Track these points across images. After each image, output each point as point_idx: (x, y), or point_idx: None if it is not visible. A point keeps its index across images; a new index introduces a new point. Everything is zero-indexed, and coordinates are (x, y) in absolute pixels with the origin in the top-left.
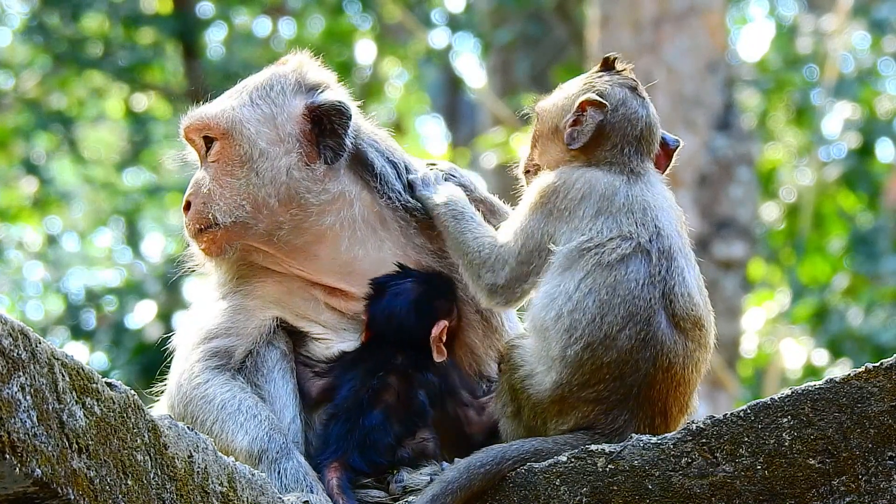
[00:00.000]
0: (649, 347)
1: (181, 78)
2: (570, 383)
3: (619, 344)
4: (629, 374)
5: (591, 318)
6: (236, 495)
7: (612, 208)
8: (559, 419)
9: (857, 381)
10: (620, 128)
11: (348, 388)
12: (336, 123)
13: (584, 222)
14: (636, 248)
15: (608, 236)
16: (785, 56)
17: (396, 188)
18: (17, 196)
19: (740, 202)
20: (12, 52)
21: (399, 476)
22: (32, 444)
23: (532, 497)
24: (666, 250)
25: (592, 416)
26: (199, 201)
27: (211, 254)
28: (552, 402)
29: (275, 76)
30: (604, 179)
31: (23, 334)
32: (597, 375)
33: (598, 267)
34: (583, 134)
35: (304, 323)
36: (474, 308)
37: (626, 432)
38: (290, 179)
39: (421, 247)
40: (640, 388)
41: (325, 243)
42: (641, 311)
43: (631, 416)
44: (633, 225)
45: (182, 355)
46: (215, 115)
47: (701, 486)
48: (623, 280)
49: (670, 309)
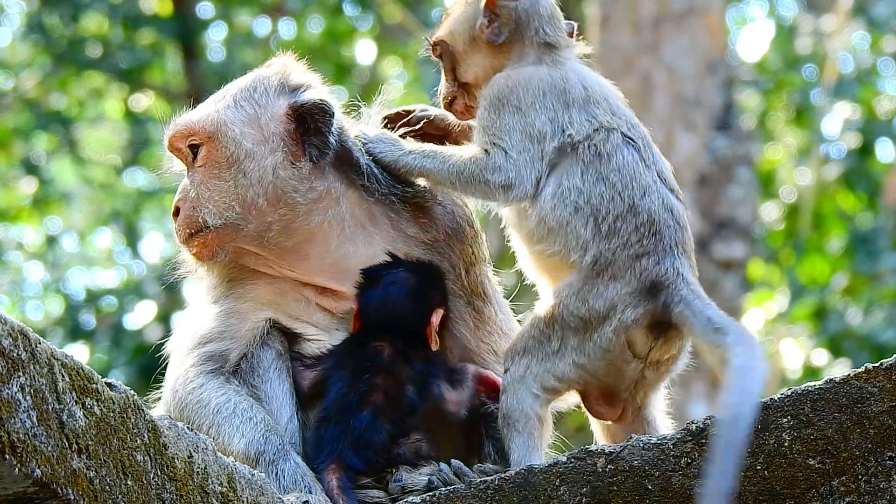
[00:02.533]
0: (667, 209)
1: (181, 79)
2: (611, 248)
3: (645, 207)
4: (664, 229)
5: (609, 197)
6: (236, 495)
7: (577, 100)
8: (614, 283)
9: (857, 382)
10: (533, 10)
11: (336, 390)
12: (320, 122)
13: (559, 115)
14: (623, 138)
15: (593, 128)
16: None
17: (384, 182)
18: (17, 196)
19: (740, 202)
20: (12, 52)
21: (398, 476)
22: (32, 445)
23: (532, 497)
24: (644, 137)
25: (650, 267)
26: (187, 206)
27: (202, 258)
28: (601, 271)
29: (258, 78)
30: (548, 72)
31: (22, 334)
32: (636, 235)
33: (595, 158)
34: (504, 25)
35: (296, 324)
36: (465, 300)
37: (685, 278)
38: (277, 179)
39: (413, 237)
40: (676, 242)
41: (314, 243)
42: (650, 185)
43: (677, 261)
44: (609, 115)
45: (177, 360)
46: (198, 119)
47: (701, 486)
48: (623, 165)
49: (666, 185)
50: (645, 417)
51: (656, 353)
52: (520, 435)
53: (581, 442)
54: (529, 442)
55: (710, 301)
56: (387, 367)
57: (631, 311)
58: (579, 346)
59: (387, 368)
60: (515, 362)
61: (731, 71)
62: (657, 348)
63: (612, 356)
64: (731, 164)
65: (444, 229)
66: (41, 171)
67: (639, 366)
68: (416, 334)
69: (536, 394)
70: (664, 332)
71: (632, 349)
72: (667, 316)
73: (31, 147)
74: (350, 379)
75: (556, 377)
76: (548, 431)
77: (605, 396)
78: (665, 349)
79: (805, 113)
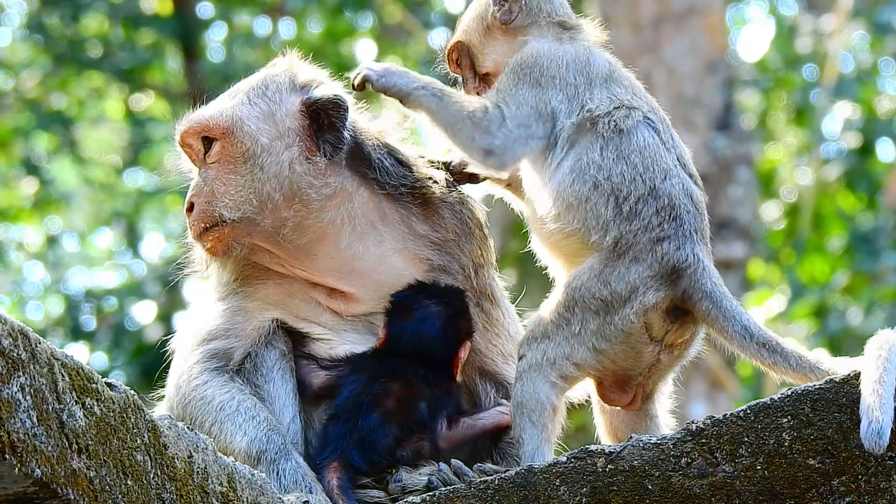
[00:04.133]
0: (687, 195)
1: (181, 78)
2: (633, 230)
3: (666, 191)
4: (684, 214)
5: (630, 177)
6: (236, 495)
7: (600, 75)
8: (635, 265)
9: (857, 381)
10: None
11: (350, 389)
12: (334, 117)
13: (580, 90)
14: (643, 118)
15: (613, 105)
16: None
17: (394, 174)
18: (17, 196)
19: (740, 202)
20: (12, 52)
21: (398, 476)
22: (32, 445)
23: (532, 497)
24: (664, 121)
25: (670, 252)
26: (202, 200)
27: (216, 253)
28: (623, 253)
29: (268, 76)
30: (571, 47)
31: (22, 334)
32: (657, 218)
33: (615, 134)
34: (514, 3)
35: (304, 324)
36: (474, 301)
37: (705, 266)
38: (293, 174)
39: (423, 237)
40: (696, 228)
41: (325, 241)
42: (671, 168)
43: (696, 247)
44: (630, 95)
45: (181, 357)
46: (214, 115)
47: (701, 486)
48: (644, 146)
49: (685, 170)
50: (649, 413)
51: (671, 337)
52: (534, 427)
53: (581, 442)
54: (543, 434)
55: (733, 297)
56: (406, 377)
57: (652, 293)
58: (599, 330)
59: (406, 378)
60: (532, 348)
61: (731, 71)
62: (673, 332)
63: (632, 340)
64: (731, 164)
65: (454, 229)
66: (42, 172)
67: (655, 349)
68: (443, 365)
69: (553, 381)
70: (680, 317)
71: (649, 332)
72: (688, 305)
73: (32, 147)
74: (366, 381)
75: (574, 363)
76: (560, 422)
77: (620, 382)
78: (680, 332)
79: (805, 113)
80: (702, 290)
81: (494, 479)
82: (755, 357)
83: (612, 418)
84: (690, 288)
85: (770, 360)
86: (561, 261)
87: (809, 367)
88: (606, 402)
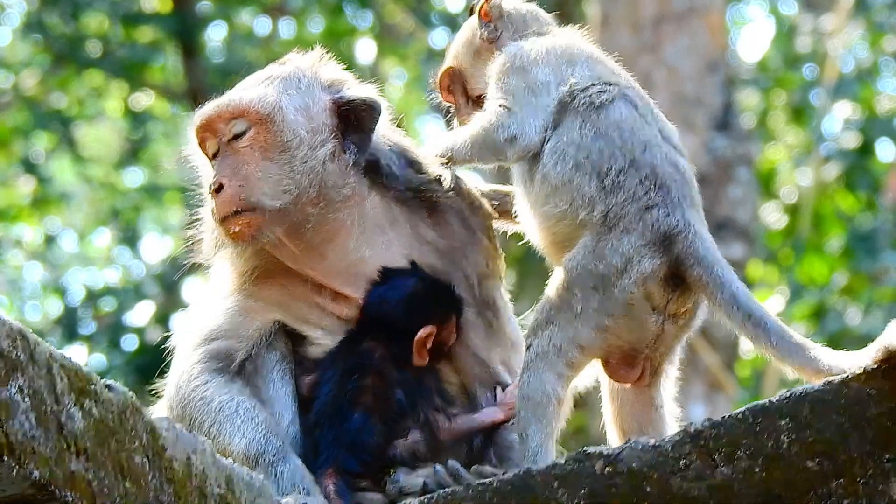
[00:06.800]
0: (671, 164)
1: (181, 77)
2: (618, 202)
3: (647, 161)
4: (669, 182)
5: (609, 152)
6: (234, 498)
7: (580, 56)
8: (626, 236)
9: (856, 383)
10: (517, 5)
11: (325, 392)
12: (365, 119)
13: (563, 68)
14: (619, 93)
15: (590, 81)
16: (785, 55)
17: (402, 178)
18: (16, 195)
19: (739, 202)
20: (12, 51)
21: (395, 477)
22: (31, 446)
23: (530, 499)
24: (644, 97)
25: (660, 219)
26: (235, 183)
27: (241, 238)
28: (613, 226)
29: (298, 70)
30: (546, 38)
31: (21, 335)
32: (641, 188)
33: (591, 110)
34: (498, 20)
35: (305, 327)
36: (476, 311)
37: (697, 231)
38: (325, 170)
39: (430, 243)
40: (684, 195)
41: (334, 242)
42: (650, 139)
43: (687, 213)
44: (609, 74)
45: (182, 356)
46: (252, 100)
47: (699, 488)
48: (621, 119)
49: (670, 143)
50: (654, 402)
51: (673, 306)
52: (539, 422)
53: (579, 443)
54: (547, 430)
55: (727, 264)
56: (376, 369)
57: (648, 261)
58: (601, 306)
59: (376, 370)
60: (538, 335)
61: (731, 71)
62: (674, 300)
63: (635, 311)
64: (731, 164)
65: (461, 237)
66: (40, 170)
67: (659, 318)
68: (406, 344)
69: (560, 372)
70: (680, 285)
71: (650, 302)
72: (682, 271)
73: (31, 146)
74: (339, 380)
75: (579, 347)
76: (564, 415)
77: (627, 358)
78: (682, 301)
79: (805, 112)
80: (694, 255)
81: (492, 481)
82: (740, 328)
83: (621, 407)
84: (683, 253)
85: (752, 332)
86: (555, 249)
87: (789, 348)
88: (615, 379)
